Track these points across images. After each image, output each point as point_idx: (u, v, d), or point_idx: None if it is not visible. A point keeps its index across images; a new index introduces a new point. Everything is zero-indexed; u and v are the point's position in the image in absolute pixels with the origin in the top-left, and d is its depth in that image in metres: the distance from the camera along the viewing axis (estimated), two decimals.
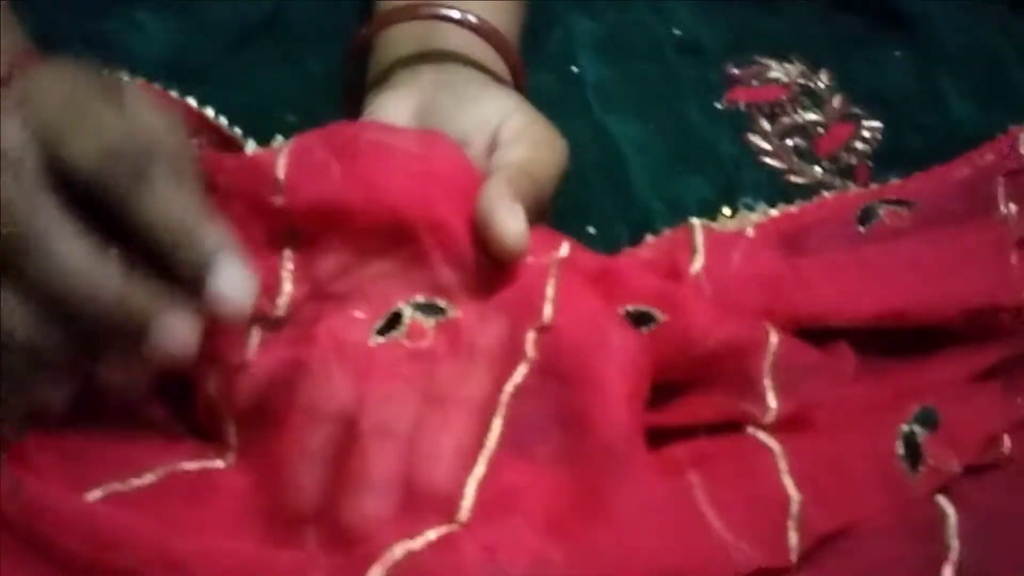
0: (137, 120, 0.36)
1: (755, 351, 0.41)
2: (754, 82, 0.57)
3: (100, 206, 0.35)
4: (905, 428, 0.40)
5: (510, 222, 0.39)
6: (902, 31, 0.60)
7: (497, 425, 0.37)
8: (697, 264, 0.44)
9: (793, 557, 0.37)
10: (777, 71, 0.57)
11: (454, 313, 0.40)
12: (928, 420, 0.41)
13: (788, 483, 0.38)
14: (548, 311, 0.39)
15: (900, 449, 0.40)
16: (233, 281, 0.36)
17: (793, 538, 0.37)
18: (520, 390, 0.38)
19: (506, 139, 0.44)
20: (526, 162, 0.42)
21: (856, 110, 0.56)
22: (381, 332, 0.39)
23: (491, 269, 0.40)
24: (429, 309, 0.40)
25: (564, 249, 0.43)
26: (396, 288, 0.40)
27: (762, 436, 0.40)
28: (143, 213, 0.35)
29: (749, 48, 0.58)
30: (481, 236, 0.40)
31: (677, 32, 0.58)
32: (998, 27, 0.60)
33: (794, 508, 0.38)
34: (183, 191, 0.36)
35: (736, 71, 0.57)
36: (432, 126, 0.45)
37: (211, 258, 0.36)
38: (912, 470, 0.39)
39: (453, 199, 0.40)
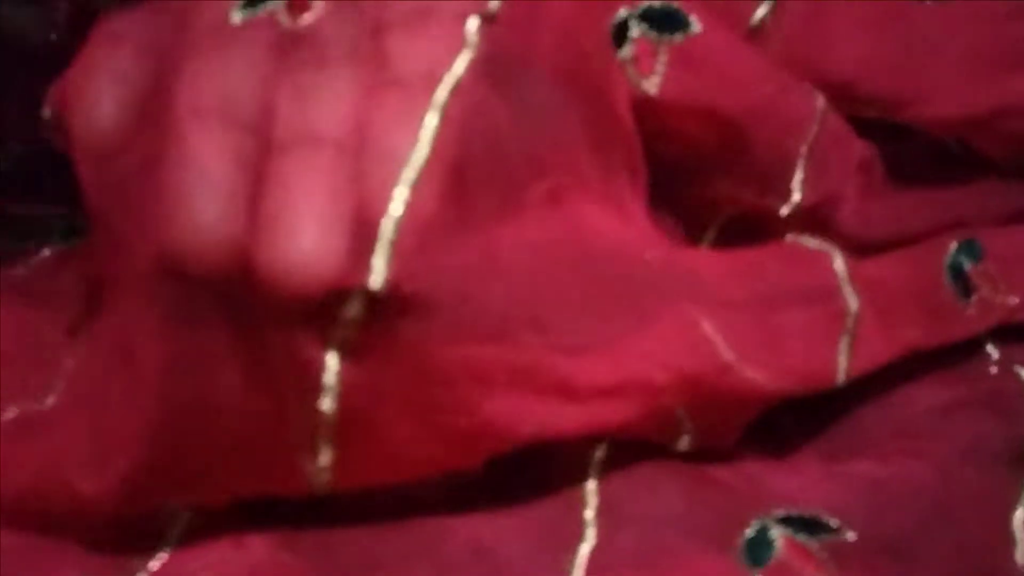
0: None
1: (800, 127, 0.34)
2: None
3: None
4: (949, 260, 0.36)
5: None
6: None
7: (430, 126, 0.28)
8: (765, 6, 0.36)
9: (842, 376, 0.33)
10: None
11: None
12: (972, 251, 0.36)
13: (848, 291, 0.33)
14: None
15: (947, 279, 0.35)
16: None
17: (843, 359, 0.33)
18: (461, 88, 0.28)
19: None
20: None
21: None
22: (252, 3, 0.29)
23: None
24: None
25: None
26: None
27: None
28: None
29: None
30: None
31: None
32: None
33: (850, 322, 0.33)
34: None
35: None
36: None
37: None
38: (963, 298, 0.35)
39: None
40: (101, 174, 0.29)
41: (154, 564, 0.31)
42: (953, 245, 0.36)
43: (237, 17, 0.29)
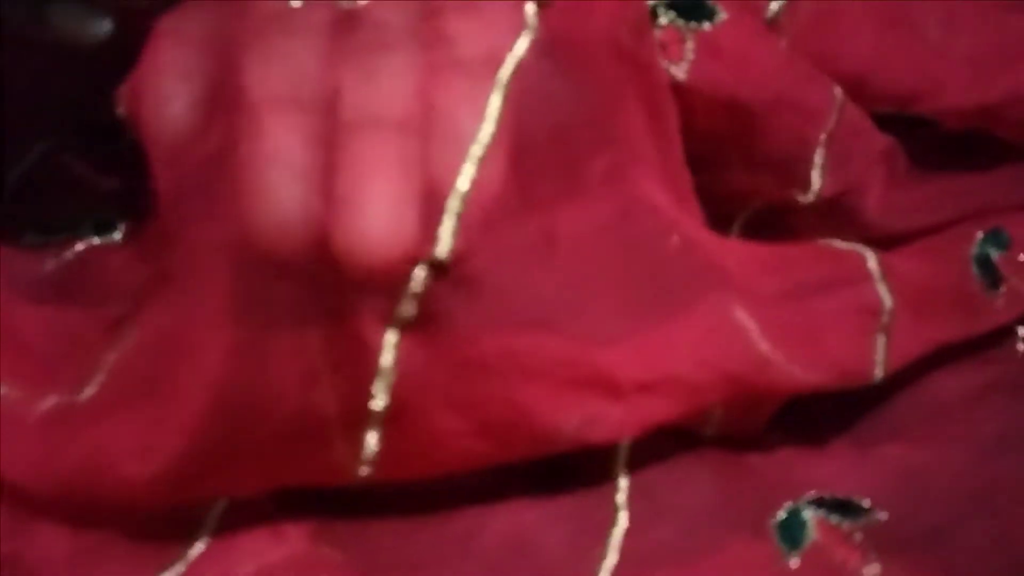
0: None
1: (819, 116, 0.35)
2: None
3: None
4: (975, 251, 0.36)
5: None
6: None
7: (495, 105, 0.28)
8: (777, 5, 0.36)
9: (879, 371, 0.33)
10: None
11: None
12: (999, 240, 0.36)
13: (883, 289, 0.33)
14: None
15: (975, 270, 0.35)
16: None
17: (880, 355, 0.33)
18: (522, 68, 0.29)
19: None
20: None
21: None
22: None
23: None
24: None
25: None
26: None
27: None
28: None
29: None
30: None
31: None
32: None
33: (885, 319, 0.33)
34: None
35: None
36: None
37: None
38: (992, 289, 0.35)
39: None
40: (175, 169, 0.30)
41: (193, 553, 0.31)
42: (979, 235, 0.36)
43: None
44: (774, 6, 0.36)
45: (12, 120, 0.37)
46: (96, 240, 0.37)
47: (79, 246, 0.36)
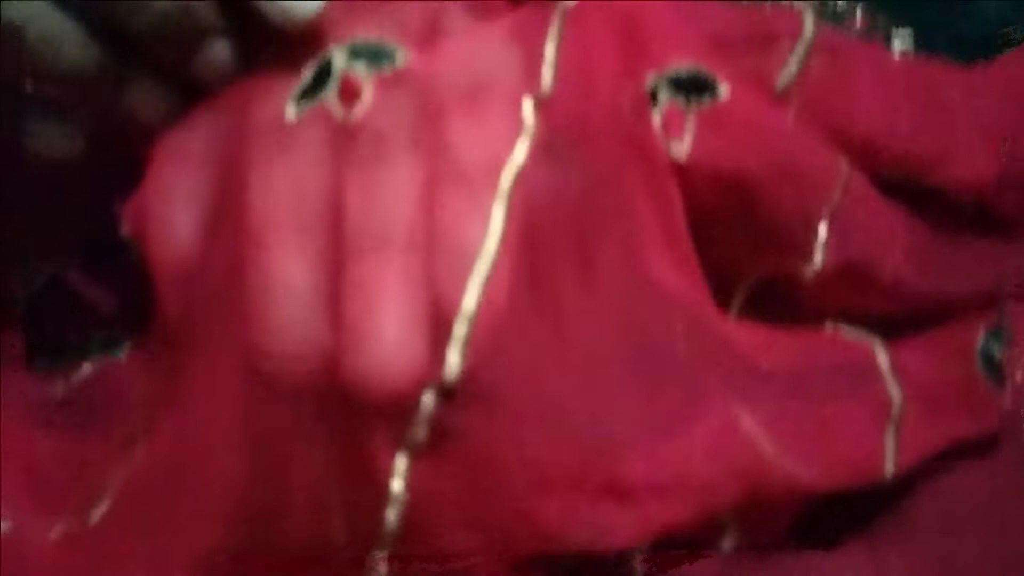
0: None
1: (822, 189, 0.34)
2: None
3: None
4: (980, 347, 0.36)
5: None
6: None
7: (498, 217, 0.28)
8: (791, 69, 0.36)
9: (890, 468, 0.32)
10: None
11: (403, 59, 0.30)
12: (1001, 337, 0.36)
13: (891, 382, 0.33)
14: (548, 76, 0.30)
15: (980, 366, 0.35)
16: None
17: (890, 452, 0.32)
18: (523, 174, 0.29)
19: None
20: None
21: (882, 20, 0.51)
22: (306, 94, 0.30)
23: (462, 3, 0.31)
24: (369, 54, 0.30)
25: None
26: (340, 25, 0.31)
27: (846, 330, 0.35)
28: None
29: None
30: None
31: None
32: None
33: (895, 413, 0.33)
34: None
35: None
36: None
37: None
38: (998, 386, 0.35)
39: None
40: (182, 291, 0.30)
41: None
42: (982, 333, 0.36)
43: (291, 112, 0.30)
44: (786, 74, 0.36)
45: (14, 243, 0.37)
46: (103, 359, 0.37)
47: (87, 368, 0.37)
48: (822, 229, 0.35)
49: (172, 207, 0.30)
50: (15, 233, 0.37)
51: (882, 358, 0.34)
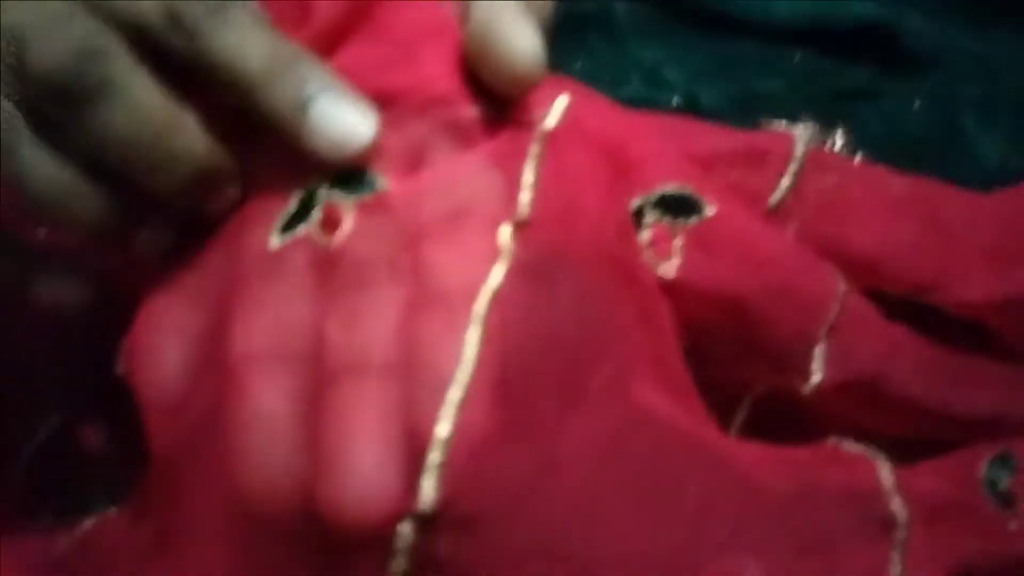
0: None
1: (819, 307, 0.33)
2: None
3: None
4: (985, 474, 0.34)
5: (519, 34, 0.30)
6: (917, 78, 0.56)
7: (473, 341, 0.28)
8: (784, 186, 0.36)
9: None
10: None
11: (384, 185, 0.30)
12: (1007, 464, 0.35)
13: (896, 502, 0.32)
14: (525, 200, 0.30)
15: (986, 492, 0.34)
16: (340, 118, 0.30)
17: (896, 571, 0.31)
18: (499, 297, 0.28)
19: None
20: None
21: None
22: (290, 224, 0.30)
23: (443, 131, 0.31)
24: (350, 184, 0.30)
25: (555, 112, 0.32)
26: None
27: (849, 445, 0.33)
28: (228, 45, 0.30)
29: (753, 111, 0.54)
30: (474, 62, 0.31)
31: (676, 100, 0.55)
32: (1018, 55, 0.56)
33: (900, 535, 0.31)
34: (267, 27, 0.31)
35: None
36: None
37: (315, 92, 0.30)
38: (1006, 510, 0.33)
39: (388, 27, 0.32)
40: (169, 428, 0.30)
41: None
42: (986, 461, 0.35)
43: (276, 243, 0.30)
44: (779, 191, 0.36)
45: (17, 395, 0.37)
46: (105, 511, 0.36)
47: (89, 521, 0.36)
48: (820, 347, 0.34)
49: (161, 343, 0.31)
50: (19, 384, 0.37)
51: (886, 475, 0.33)
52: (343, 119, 0.30)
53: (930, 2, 0.59)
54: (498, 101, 0.32)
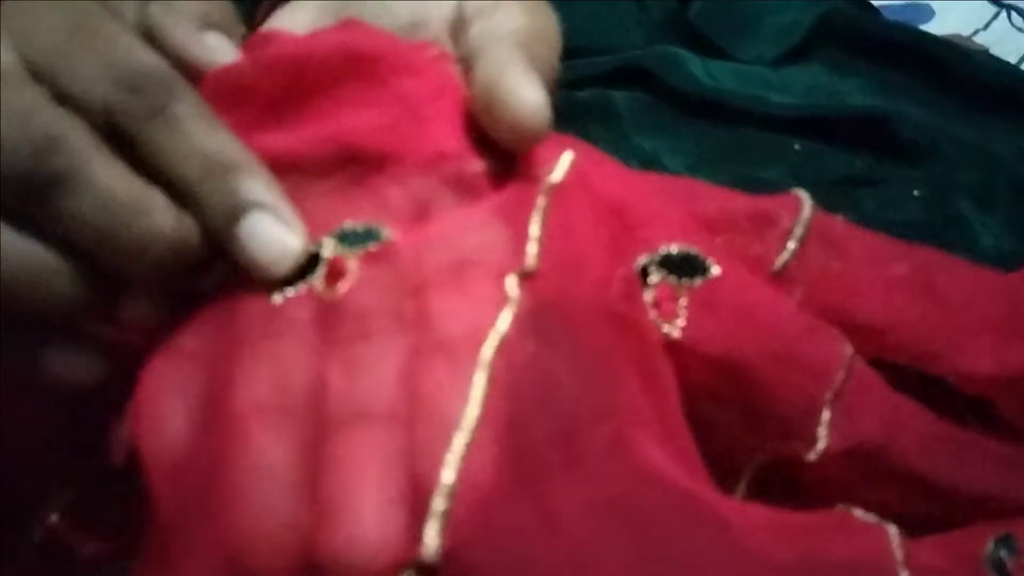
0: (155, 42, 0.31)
1: (825, 372, 0.33)
2: None
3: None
4: (988, 555, 0.33)
5: (525, 89, 0.30)
6: (915, 166, 0.56)
7: (479, 386, 0.27)
8: (789, 249, 0.35)
9: None
10: None
11: (388, 236, 0.30)
12: (1010, 546, 0.34)
13: (903, 573, 0.30)
14: (532, 252, 0.30)
15: (990, 571, 0.32)
16: (267, 235, 0.30)
17: None
18: (506, 344, 0.28)
19: (482, 7, 0.35)
20: (530, 28, 0.33)
21: None
22: (291, 281, 0.30)
23: (449, 186, 0.31)
24: (357, 238, 0.30)
25: (561, 167, 0.32)
26: (331, 213, 0.31)
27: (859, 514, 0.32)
28: (165, 149, 0.29)
29: None
30: (481, 117, 0.31)
31: None
32: (1012, 143, 0.57)
33: None
34: (214, 125, 0.30)
35: None
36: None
37: (245, 206, 0.30)
38: None
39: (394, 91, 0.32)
40: (172, 486, 0.29)
41: None
42: (990, 542, 0.33)
43: (278, 298, 0.30)
44: (783, 256, 0.36)
45: (28, 472, 0.36)
46: None
47: None
48: (826, 413, 0.33)
49: (163, 404, 0.30)
50: (30, 461, 0.36)
51: (896, 546, 0.31)
52: (271, 236, 0.30)
53: (925, 93, 0.60)
54: (504, 157, 0.31)
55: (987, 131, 0.57)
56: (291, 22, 0.38)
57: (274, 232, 0.30)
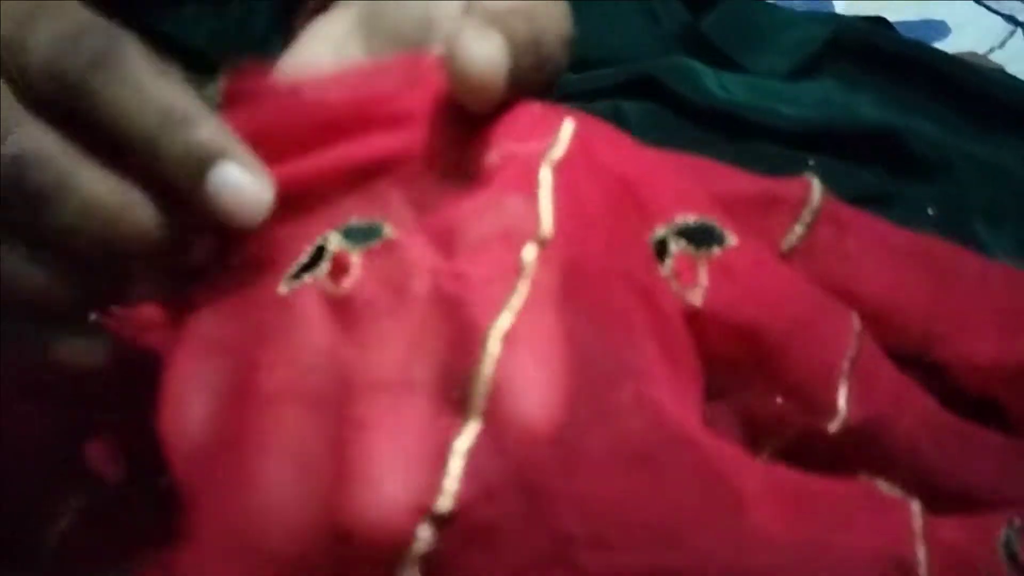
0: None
1: (838, 342, 0.32)
2: None
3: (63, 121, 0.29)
4: (1002, 539, 0.32)
5: (477, 43, 0.29)
6: (927, 182, 0.56)
7: (492, 356, 0.27)
8: (797, 232, 0.35)
9: None
10: None
11: (390, 233, 0.30)
12: (1018, 531, 0.33)
13: (920, 547, 0.30)
14: (546, 220, 0.29)
15: (1003, 556, 0.32)
16: (237, 184, 0.29)
17: None
18: (526, 313, 0.27)
19: None
20: (514, 7, 0.31)
21: None
22: (297, 275, 0.30)
23: (451, 181, 0.31)
24: (360, 234, 0.30)
25: (563, 139, 0.31)
26: (336, 209, 0.31)
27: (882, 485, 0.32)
28: (116, 101, 0.28)
29: None
30: (448, 84, 0.30)
31: None
32: (1020, 159, 0.57)
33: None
34: (163, 74, 0.29)
35: None
36: (380, 28, 0.35)
37: (209, 156, 0.29)
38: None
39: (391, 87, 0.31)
40: (199, 469, 0.29)
41: None
42: (1004, 527, 0.33)
43: (284, 289, 0.30)
44: (791, 237, 0.36)
45: (38, 479, 0.36)
46: None
47: None
48: (843, 381, 0.33)
49: (185, 395, 0.30)
50: (40, 467, 0.36)
51: (916, 520, 0.31)
52: (242, 185, 0.29)
53: (936, 109, 0.60)
54: (504, 147, 0.31)
55: (999, 148, 0.57)
56: (325, 36, 0.37)
57: (244, 180, 0.29)
